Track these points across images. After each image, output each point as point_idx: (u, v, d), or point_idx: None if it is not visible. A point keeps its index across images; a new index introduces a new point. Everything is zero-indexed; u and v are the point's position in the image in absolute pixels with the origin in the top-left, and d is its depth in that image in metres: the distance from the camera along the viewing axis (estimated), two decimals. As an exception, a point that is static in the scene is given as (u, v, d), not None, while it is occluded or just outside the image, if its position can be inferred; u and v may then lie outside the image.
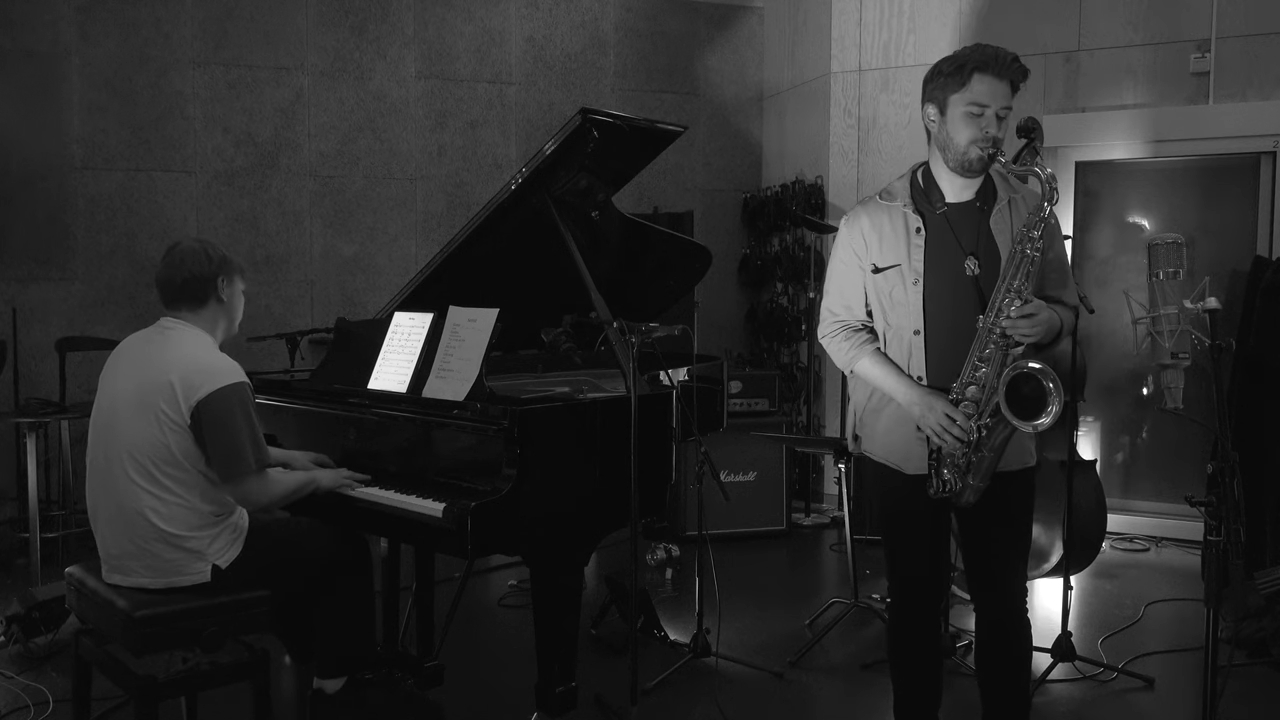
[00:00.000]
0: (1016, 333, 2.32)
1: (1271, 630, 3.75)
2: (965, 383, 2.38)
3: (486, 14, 6.34)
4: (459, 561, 3.57)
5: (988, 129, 2.37)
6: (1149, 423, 5.75)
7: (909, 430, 2.47)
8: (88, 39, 5.55)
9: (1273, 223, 5.26)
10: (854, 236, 2.55)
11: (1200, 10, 5.31)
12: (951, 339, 2.43)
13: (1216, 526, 2.47)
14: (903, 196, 2.52)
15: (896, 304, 2.49)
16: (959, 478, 2.41)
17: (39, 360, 5.41)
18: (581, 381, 3.42)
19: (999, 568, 2.58)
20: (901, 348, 2.50)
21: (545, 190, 3.22)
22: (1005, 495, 2.49)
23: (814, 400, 6.35)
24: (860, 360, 2.53)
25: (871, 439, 2.60)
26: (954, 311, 2.44)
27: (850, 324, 2.58)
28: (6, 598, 4.17)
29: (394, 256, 6.19)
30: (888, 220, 2.51)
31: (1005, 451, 2.41)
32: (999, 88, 2.37)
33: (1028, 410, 2.29)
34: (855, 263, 2.55)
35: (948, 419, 2.36)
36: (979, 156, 2.39)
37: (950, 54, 2.45)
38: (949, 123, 2.42)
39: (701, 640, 3.66)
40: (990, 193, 2.50)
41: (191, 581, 2.65)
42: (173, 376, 2.61)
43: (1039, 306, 2.33)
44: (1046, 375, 2.26)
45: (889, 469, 2.56)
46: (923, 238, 2.46)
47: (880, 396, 2.54)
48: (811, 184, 6.28)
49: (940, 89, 2.43)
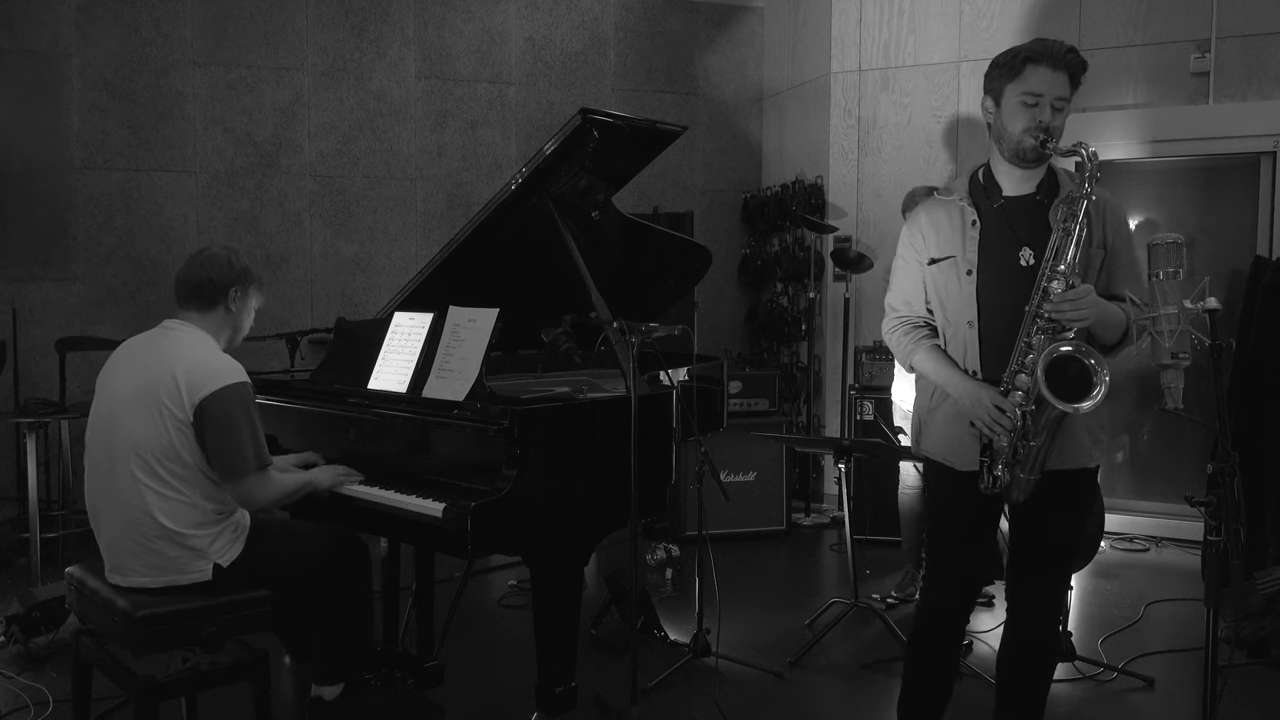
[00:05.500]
0: (1062, 317, 2.28)
1: (1271, 630, 3.75)
2: (1014, 371, 2.36)
3: (486, 14, 6.35)
4: (459, 561, 3.57)
5: (1041, 118, 2.36)
6: (1149, 423, 5.75)
7: (962, 427, 2.47)
8: (88, 39, 5.55)
9: (1273, 223, 5.26)
10: (914, 234, 2.58)
11: (1200, 10, 5.31)
12: (1006, 331, 2.41)
13: (1216, 526, 2.46)
14: (960, 191, 2.54)
15: (951, 296, 2.50)
16: (1008, 471, 2.39)
17: (39, 360, 5.41)
18: (581, 381, 3.42)
19: (1040, 568, 2.56)
20: (958, 340, 2.50)
21: (545, 190, 3.22)
22: (1056, 494, 2.44)
23: (814, 400, 6.35)
24: (917, 354, 2.55)
25: (929, 437, 2.60)
26: (1009, 302, 2.42)
27: (911, 319, 2.59)
28: (6, 598, 4.17)
29: (394, 256, 6.20)
30: (945, 215, 2.53)
31: (1062, 448, 2.39)
32: (1055, 78, 2.37)
33: (1075, 393, 2.23)
34: (915, 259, 2.57)
35: (996, 409, 2.34)
36: (1032, 145, 2.37)
37: (1009, 48, 2.46)
38: (1004, 113, 2.42)
39: (701, 640, 3.66)
40: (1053, 187, 2.48)
41: (192, 580, 2.65)
42: (177, 372, 2.63)
43: (1085, 290, 2.30)
44: (1089, 354, 2.21)
45: (944, 467, 2.56)
46: (978, 230, 2.47)
47: (939, 395, 2.55)
48: (811, 184, 6.28)
49: (997, 80, 2.44)
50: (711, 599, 3.72)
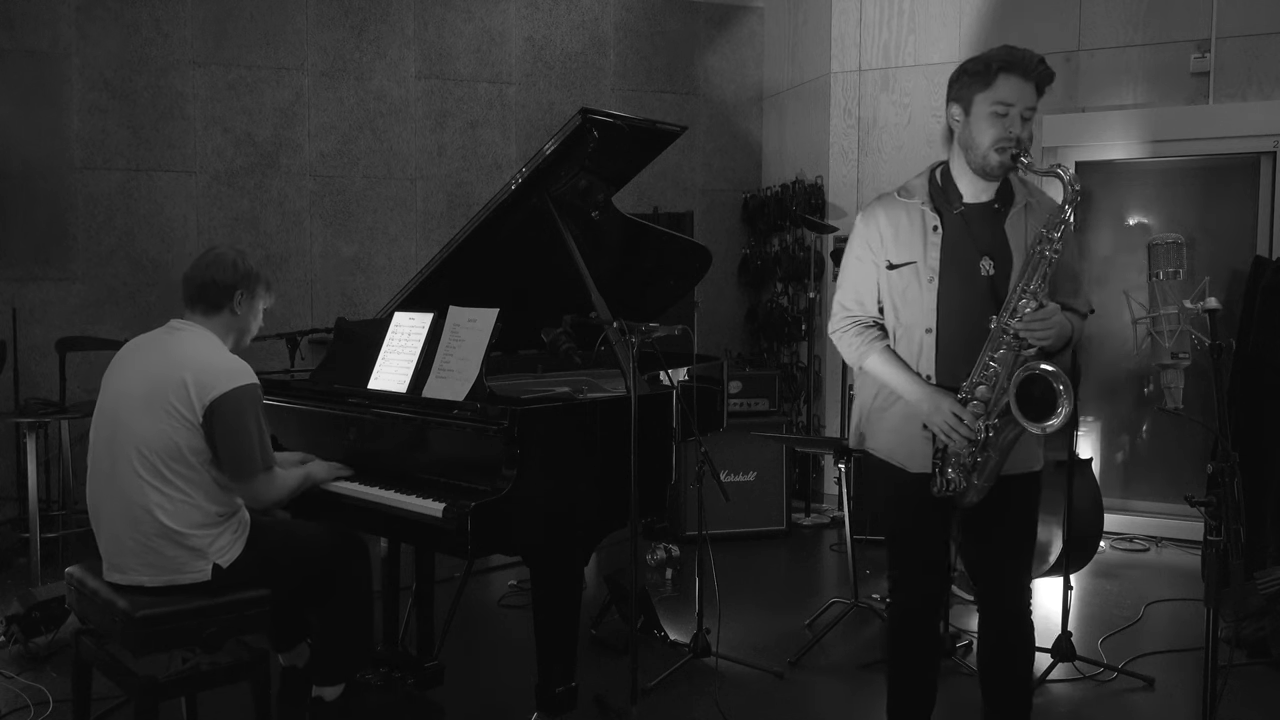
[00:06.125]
0: (1030, 335, 2.31)
1: (1271, 630, 3.75)
2: (975, 382, 2.38)
3: (486, 14, 6.34)
4: (459, 561, 3.57)
5: (1011, 128, 2.37)
6: (1149, 423, 5.75)
7: (914, 429, 2.47)
8: (88, 39, 5.55)
9: (1273, 223, 5.25)
10: (870, 232, 2.54)
11: (1200, 10, 5.31)
12: (962, 339, 2.43)
13: (1216, 526, 2.47)
14: (921, 194, 2.51)
15: (910, 301, 2.48)
16: (964, 477, 2.41)
17: (39, 360, 5.41)
18: (581, 381, 3.42)
19: (1003, 570, 2.58)
20: (912, 345, 2.49)
21: (545, 190, 3.22)
22: (1009, 498, 2.49)
23: (814, 400, 6.35)
24: (870, 356, 2.53)
25: (876, 437, 2.60)
26: (966, 311, 2.43)
27: (862, 320, 2.58)
28: (6, 598, 4.17)
29: (394, 256, 6.19)
30: (905, 217, 2.50)
31: (1011, 454, 2.41)
32: (1024, 88, 2.38)
33: (1037, 412, 2.28)
34: (870, 258, 2.54)
35: (955, 418, 2.36)
36: (999, 163, 2.39)
37: (976, 55, 2.45)
38: (973, 122, 2.42)
39: (701, 640, 3.66)
40: (1008, 195, 2.50)
41: (191, 580, 2.65)
42: (186, 374, 2.63)
43: (1053, 310, 2.32)
44: (1058, 378, 2.25)
45: (893, 467, 2.56)
46: (939, 236, 2.46)
47: (887, 394, 2.54)
48: (811, 184, 6.28)
49: (966, 88, 2.44)
50: (711, 599, 3.72)
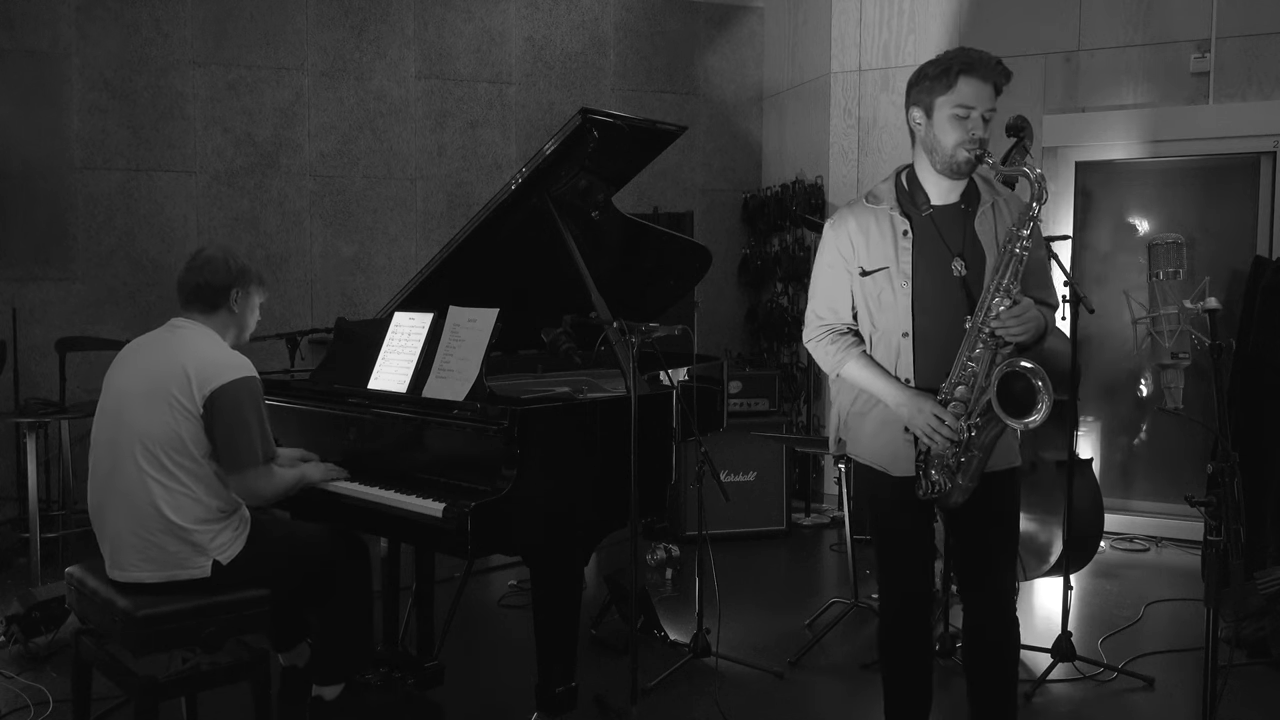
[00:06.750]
0: (1006, 332, 2.33)
1: (1271, 630, 3.75)
2: (954, 383, 2.39)
3: (486, 14, 6.35)
4: (459, 561, 3.57)
5: (974, 131, 2.38)
6: (1149, 423, 5.75)
7: (896, 432, 2.48)
8: (88, 39, 5.55)
9: (1273, 223, 5.26)
10: (840, 240, 2.54)
11: (1200, 10, 5.31)
12: (939, 340, 2.44)
13: (1216, 526, 2.47)
14: (889, 199, 2.52)
15: (885, 307, 2.49)
16: (948, 478, 2.42)
17: (39, 360, 5.41)
18: (581, 381, 3.42)
19: (986, 569, 2.59)
20: (889, 350, 2.50)
21: (545, 190, 3.22)
22: (991, 496, 2.49)
23: (814, 400, 6.35)
24: (847, 364, 2.53)
25: (857, 442, 2.60)
26: (942, 313, 2.45)
27: (836, 327, 2.58)
28: (6, 598, 4.17)
29: (394, 256, 6.20)
30: (874, 223, 2.51)
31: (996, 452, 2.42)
32: (984, 90, 2.39)
33: (1018, 408, 2.30)
34: (842, 265, 2.55)
35: (937, 419, 2.37)
36: (966, 159, 2.40)
37: (933, 58, 2.46)
38: (935, 125, 2.42)
39: (701, 640, 3.66)
40: (974, 195, 2.52)
41: (191, 576, 2.66)
42: (187, 365, 2.66)
43: (1027, 305, 2.35)
44: (1036, 374, 2.27)
45: (876, 472, 2.56)
46: (910, 240, 2.47)
47: (866, 399, 2.54)
48: (811, 184, 6.28)
49: (926, 92, 2.44)
50: (711, 599, 3.72)
